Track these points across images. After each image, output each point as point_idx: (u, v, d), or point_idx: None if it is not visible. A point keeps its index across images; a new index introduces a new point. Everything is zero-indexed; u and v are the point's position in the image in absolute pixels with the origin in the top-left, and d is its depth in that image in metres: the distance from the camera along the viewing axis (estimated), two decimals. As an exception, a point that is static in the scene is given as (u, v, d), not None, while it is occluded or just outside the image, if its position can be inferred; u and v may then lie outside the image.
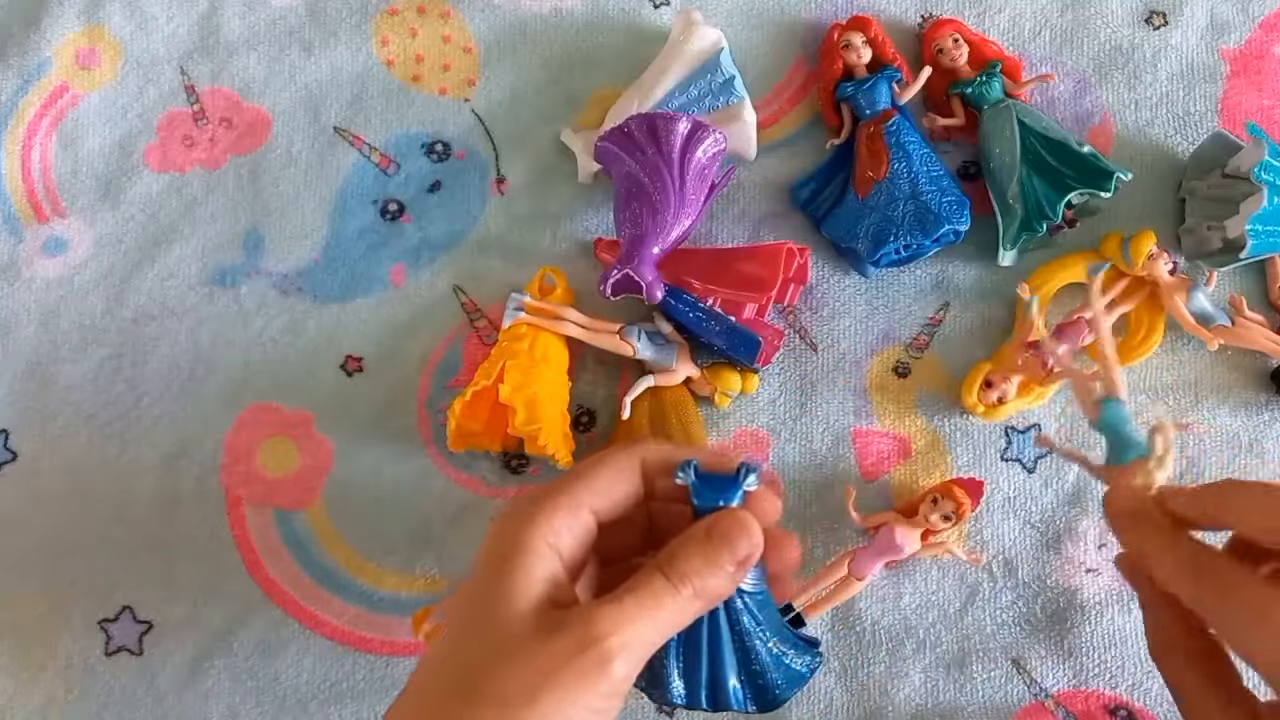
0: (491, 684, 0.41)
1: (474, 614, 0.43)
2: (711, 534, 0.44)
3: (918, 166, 0.66)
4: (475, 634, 0.43)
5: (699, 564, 0.44)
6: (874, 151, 0.67)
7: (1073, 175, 0.65)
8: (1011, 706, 0.63)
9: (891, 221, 0.65)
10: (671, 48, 0.70)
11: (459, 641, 0.43)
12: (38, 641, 0.65)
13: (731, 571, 0.44)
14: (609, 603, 0.42)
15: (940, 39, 0.69)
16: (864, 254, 0.66)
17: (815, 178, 0.70)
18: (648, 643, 0.43)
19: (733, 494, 0.45)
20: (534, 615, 0.42)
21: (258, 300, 0.70)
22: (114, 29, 0.74)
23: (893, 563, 0.64)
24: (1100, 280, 0.60)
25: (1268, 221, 0.63)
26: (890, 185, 0.66)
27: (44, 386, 0.68)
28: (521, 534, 0.43)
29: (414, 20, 0.74)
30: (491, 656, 0.41)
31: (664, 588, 0.43)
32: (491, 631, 0.42)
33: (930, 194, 0.65)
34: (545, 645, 0.41)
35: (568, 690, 0.40)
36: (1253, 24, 0.71)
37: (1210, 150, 0.67)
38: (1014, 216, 0.66)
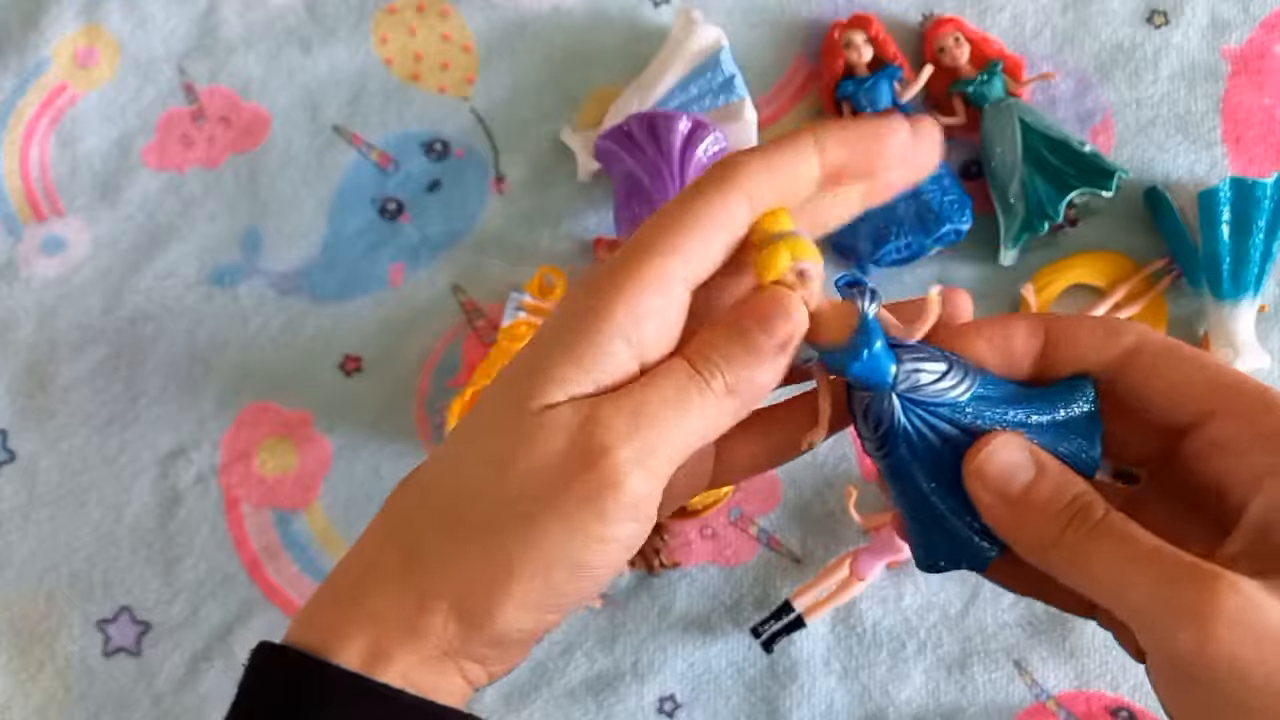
0: (463, 505, 0.34)
1: (485, 409, 0.36)
2: (742, 314, 0.35)
3: None
4: (474, 435, 0.36)
5: (730, 349, 0.34)
6: None
7: (1074, 174, 0.65)
8: (1013, 708, 0.63)
9: (892, 221, 0.65)
10: (671, 46, 0.70)
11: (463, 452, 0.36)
12: (36, 641, 0.65)
13: (774, 358, 0.35)
14: (618, 399, 0.33)
15: (942, 38, 0.69)
16: (864, 253, 0.65)
17: None
18: (672, 452, 0.33)
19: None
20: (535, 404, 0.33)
21: (256, 300, 0.69)
22: (112, 28, 0.74)
23: (894, 563, 0.63)
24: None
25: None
26: None
27: (42, 386, 0.68)
28: (596, 310, 0.33)
29: (413, 19, 0.73)
30: (476, 462, 0.34)
31: (689, 380, 0.34)
32: (489, 427, 0.35)
33: (932, 193, 0.65)
34: (528, 444, 0.33)
35: (562, 519, 0.32)
36: (1254, 23, 0.71)
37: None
38: (1015, 216, 0.66)
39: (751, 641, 0.63)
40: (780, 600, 0.63)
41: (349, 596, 0.36)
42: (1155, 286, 0.66)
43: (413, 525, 0.36)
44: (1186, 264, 0.65)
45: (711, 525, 0.66)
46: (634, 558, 0.62)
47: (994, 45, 0.69)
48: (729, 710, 0.64)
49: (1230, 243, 0.63)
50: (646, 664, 0.64)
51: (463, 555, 0.34)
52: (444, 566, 0.34)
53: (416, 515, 0.36)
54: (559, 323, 0.34)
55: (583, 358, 0.33)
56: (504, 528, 0.33)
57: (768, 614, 0.62)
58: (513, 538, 0.33)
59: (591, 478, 0.32)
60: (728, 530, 0.66)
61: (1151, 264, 0.66)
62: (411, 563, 0.35)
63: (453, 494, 0.35)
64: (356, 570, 0.37)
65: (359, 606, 0.35)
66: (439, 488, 0.36)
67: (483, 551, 0.33)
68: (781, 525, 0.66)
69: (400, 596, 0.35)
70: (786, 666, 0.64)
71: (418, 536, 0.35)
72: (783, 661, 0.64)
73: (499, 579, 0.33)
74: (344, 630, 0.35)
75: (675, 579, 0.65)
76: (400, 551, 0.35)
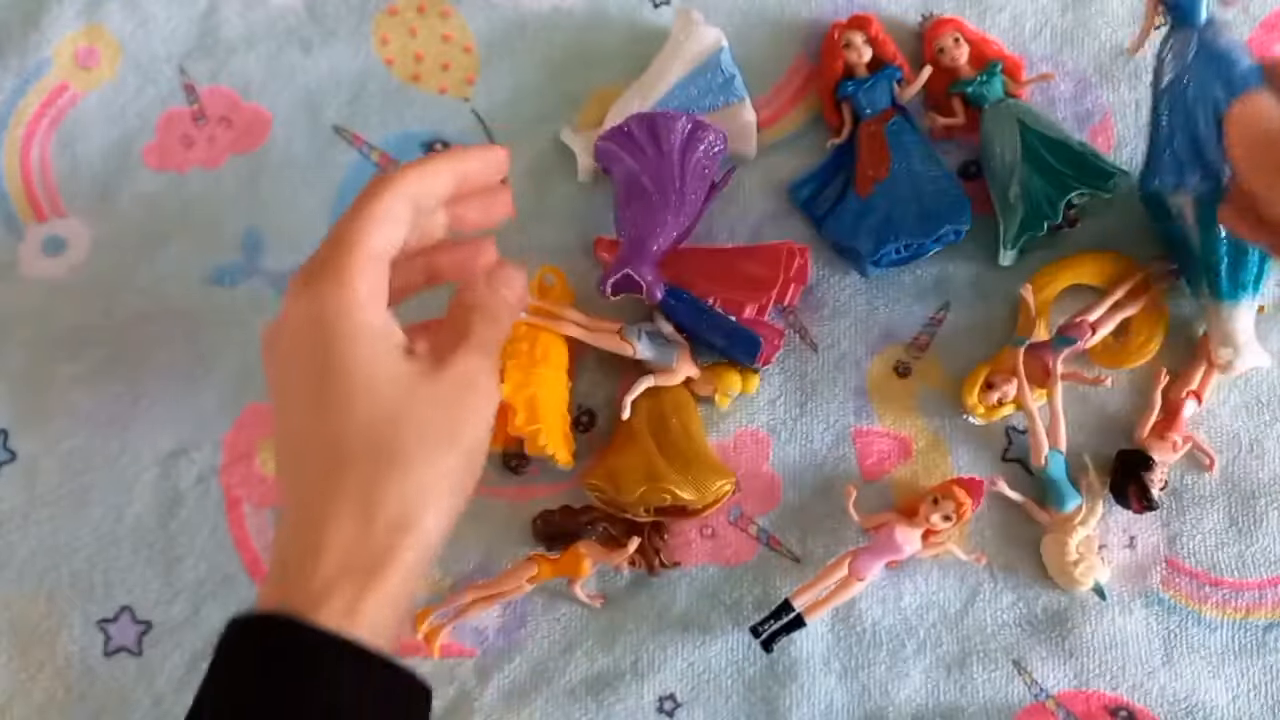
0: (403, 436, 0.46)
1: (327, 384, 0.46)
2: (496, 277, 0.53)
3: (918, 166, 0.66)
4: (343, 400, 0.46)
5: (497, 301, 0.52)
6: (874, 151, 0.67)
7: (1073, 175, 0.65)
8: (1013, 707, 0.63)
9: (892, 221, 0.65)
10: (672, 47, 0.70)
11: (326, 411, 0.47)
12: (37, 641, 0.65)
13: (516, 304, 0.53)
14: (464, 349, 0.49)
15: (941, 38, 0.69)
16: (865, 254, 0.66)
17: (815, 177, 0.70)
18: (493, 376, 0.50)
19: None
20: (402, 372, 0.47)
21: (256, 300, 0.70)
22: (113, 28, 0.74)
23: (893, 563, 0.64)
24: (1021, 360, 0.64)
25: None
26: (891, 185, 0.66)
27: (43, 386, 0.68)
28: (342, 298, 0.46)
29: (413, 19, 0.73)
30: (383, 415, 0.46)
31: (488, 328, 0.51)
32: (357, 402, 0.46)
33: (931, 194, 0.65)
34: (431, 390, 0.47)
35: (463, 431, 0.48)
36: (1254, 24, 0.71)
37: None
38: (1015, 216, 0.66)
39: (751, 641, 0.63)
40: (780, 600, 0.63)
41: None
42: (1155, 286, 0.66)
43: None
44: (1185, 265, 0.65)
45: (711, 525, 0.66)
46: (634, 557, 0.63)
47: (993, 46, 0.70)
48: (729, 709, 0.64)
49: (1228, 243, 0.63)
50: (646, 663, 0.64)
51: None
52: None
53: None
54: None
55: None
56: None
57: (767, 613, 0.63)
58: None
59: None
60: (727, 530, 0.66)
61: (1151, 264, 0.66)
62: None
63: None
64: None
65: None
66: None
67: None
68: (781, 525, 0.66)
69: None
70: (786, 666, 0.64)
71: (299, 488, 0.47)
72: (782, 661, 0.64)
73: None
74: (271, 586, 0.46)
75: (675, 578, 0.65)
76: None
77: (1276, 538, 0.64)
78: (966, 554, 0.64)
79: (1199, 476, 0.65)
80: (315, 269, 0.47)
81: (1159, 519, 0.65)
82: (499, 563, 0.66)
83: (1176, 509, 0.65)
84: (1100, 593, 0.63)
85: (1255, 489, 0.65)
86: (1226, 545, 0.64)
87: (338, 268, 0.46)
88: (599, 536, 0.64)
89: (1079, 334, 0.64)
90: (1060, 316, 0.66)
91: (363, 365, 0.46)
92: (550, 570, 0.64)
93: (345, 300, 0.46)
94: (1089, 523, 0.63)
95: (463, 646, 0.65)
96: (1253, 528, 0.64)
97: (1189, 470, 0.65)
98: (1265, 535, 0.64)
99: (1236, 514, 0.65)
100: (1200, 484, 0.65)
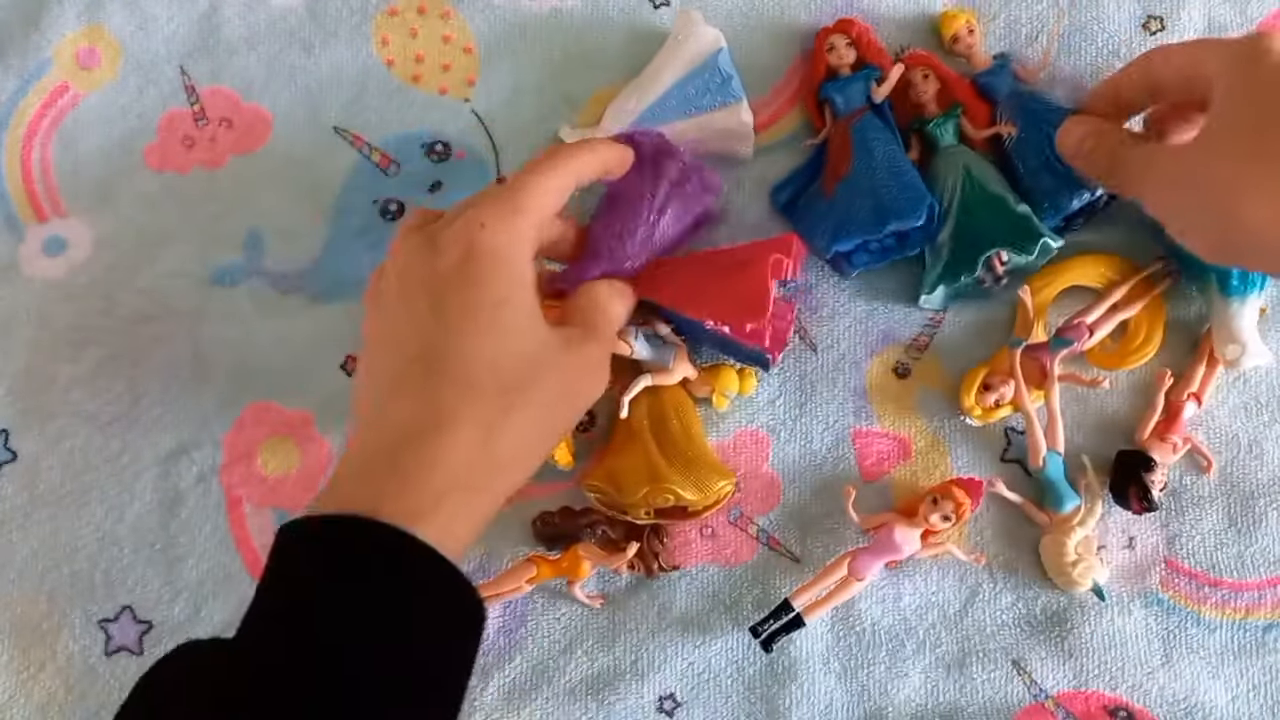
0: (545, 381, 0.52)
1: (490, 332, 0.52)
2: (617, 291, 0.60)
3: (880, 163, 0.65)
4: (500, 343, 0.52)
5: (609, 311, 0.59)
6: (840, 149, 0.67)
7: (1001, 232, 0.64)
8: (1012, 707, 0.63)
9: (848, 218, 0.65)
10: (670, 46, 0.70)
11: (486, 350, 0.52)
12: (38, 641, 0.65)
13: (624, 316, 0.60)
14: (594, 340, 0.57)
15: (911, 72, 0.68)
16: (821, 250, 0.66)
17: (794, 179, 0.70)
18: (608, 368, 0.58)
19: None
20: (548, 333, 0.53)
21: (257, 300, 0.70)
22: (114, 29, 0.74)
23: (893, 563, 0.64)
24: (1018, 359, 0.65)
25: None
26: (852, 182, 0.66)
27: (44, 386, 0.68)
28: (522, 248, 0.53)
29: (414, 20, 0.74)
30: (526, 365, 0.52)
31: (608, 329, 0.58)
32: (513, 340, 0.52)
33: (887, 189, 0.65)
34: (566, 360, 0.54)
35: (575, 403, 0.56)
36: (1251, 25, 0.72)
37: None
38: (939, 260, 0.66)
39: (751, 641, 0.63)
40: (779, 599, 0.63)
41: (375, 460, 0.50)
42: (1154, 288, 0.66)
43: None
44: (1189, 262, 0.65)
45: (711, 525, 0.66)
46: (633, 560, 0.63)
47: (963, 87, 0.69)
48: (728, 709, 0.64)
49: None
50: (646, 663, 0.64)
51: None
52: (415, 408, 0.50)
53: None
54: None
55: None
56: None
57: (767, 613, 0.63)
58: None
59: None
60: (727, 530, 0.66)
61: (1150, 265, 0.66)
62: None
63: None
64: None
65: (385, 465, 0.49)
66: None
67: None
68: (781, 525, 0.66)
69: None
70: (786, 665, 0.64)
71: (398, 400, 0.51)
72: (782, 660, 0.64)
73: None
74: (364, 476, 0.50)
75: (675, 578, 0.65)
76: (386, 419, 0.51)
77: (1276, 538, 0.64)
78: (966, 554, 0.64)
79: (1198, 477, 0.65)
80: (498, 210, 0.52)
81: (1158, 520, 0.65)
82: (499, 563, 0.66)
83: (1175, 509, 0.65)
84: (1099, 593, 0.63)
85: (1254, 489, 0.65)
86: (1226, 546, 0.64)
87: (521, 220, 0.53)
88: (598, 539, 0.64)
89: (1077, 335, 0.64)
90: (1059, 318, 0.67)
91: (525, 312, 0.52)
92: (549, 571, 0.64)
93: (525, 250, 0.53)
94: (1088, 523, 0.63)
95: (463, 646, 0.65)
96: (1252, 528, 0.65)
97: (1188, 471, 0.66)
98: (1264, 536, 0.64)
99: (1236, 515, 0.65)
100: (1199, 485, 0.65)
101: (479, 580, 0.65)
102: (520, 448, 0.51)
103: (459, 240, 0.52)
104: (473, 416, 0.49)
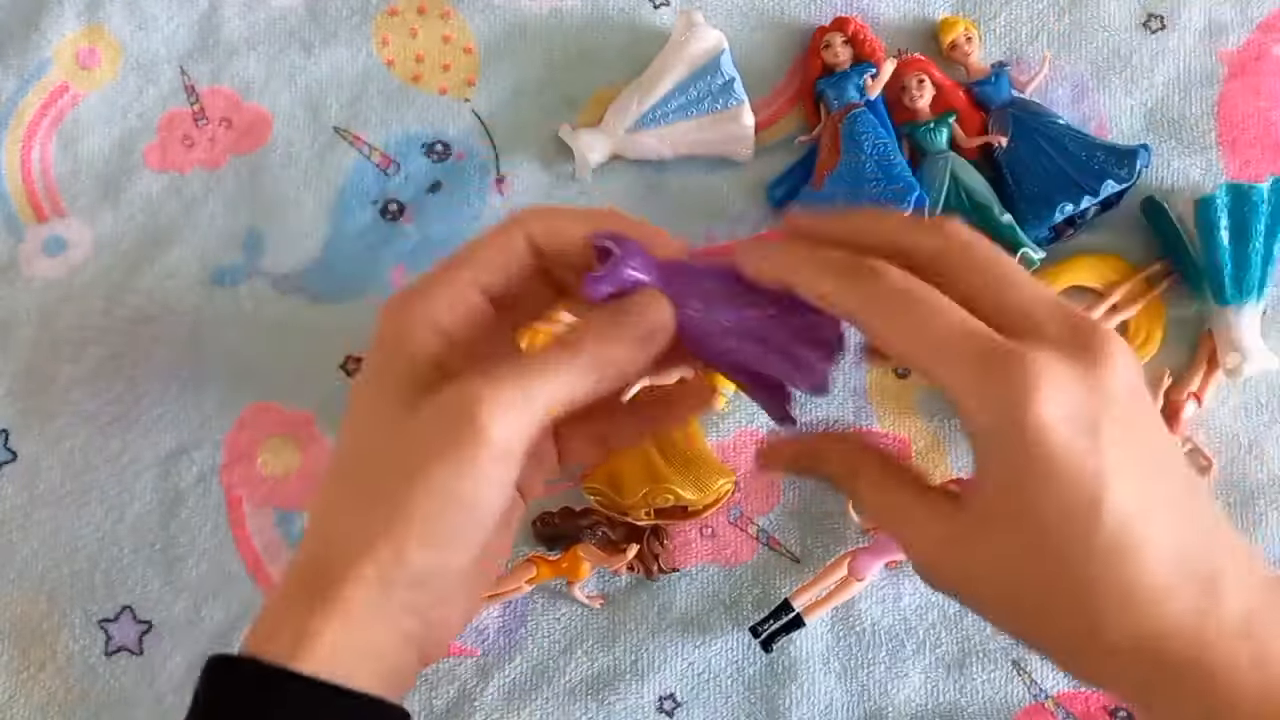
0: (362, 481, 0.41)
1: (357, 414, 0.43)
2: (619, 304, 0.42)
3: (867, 157, 0.66)
4: (354, 436, 0.43)
5: (599, 328, 0.41)
6: (829, 144, 0.68)
7: None
8: (1012, 707, 0.63)
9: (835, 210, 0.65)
10: (672, 48, 0.70)
11: (345, 450, 0.44)
12: (38, 641, 0.65)
13: (637, 342, 0.41)
14: (488, 368, 0.39)
15: (906, 77, 0.69)
16: None
17: (788, 177, 0.70)
18: (534, 406, 0.39)
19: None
20: (411, 398, 0.40)
21: (258, 300, 0.70)
22: (114, 29, 0.74)
23: (893, 563, 0.64)
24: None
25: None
26: (839, 176, 0.66)
27: (44, 386, 0.68)
28: (401, 321, 0.42)
29: (414, 20, 0.74)
30: (366, 451, 0.42)
31: (556, 352, 0.40)
32: (368, 427, 0.42)
33: (873, 183, 0.65)
34: (411, 421, 0.40)
35: (443, 462, 0.38)
36: (1251, 25, 0.72)
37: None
38: None
39: (751, 641, 0.63)
40: (779, 599, 0.63)
41: (279, 595, 0.42)
42: (1154, 289, 0.66)
43: (327, 510, 0.43)
44: (1187, 271, 0.65)
45: (711, 525, 0.66)
46: (633, 562, 0.63)
47: (958, 96, 0.69)
48: (728, 709, 0.64)
49: (1230, 248, 0.63)
50: (646, 663, 0.64)
51: (368, 513, 0.40)
52: (350, 533, 0.40)
53: (328, 500, 0.43)
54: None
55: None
56: (399, 481, 0.39)
57: (767, 613, 0.63)
58: (405, 486, 0.39)
59: (467, 430, 0.38)
60: (727, 530, 0.66)
61: (1149, 266, 0.66)
62: (325, 542, 0.42)
63: (355, 470, 0.42)
64: (288, 574, 0.43)
65: (284, 598, 0.41)
66: (344, 473, 0.43)
67: (383, 505, 0.40)
68: (781, 525, 0.66)
69: (314, 573, 0.40)
70: (786, 666, 0.64)
71: (329, 517, 0.42)
72: (782, 661, 0.64)
73: (397, 520, 0.39)
74: (273, 622, 0.41)
75: (675, 578, 0.65)
76: (314, 539, 0.43)
77: (1276, 538, 0.64)
78: (966, 554, 0.64)
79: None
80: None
81: (1157, 519, 0.65)
82: (499, 563, 0.66)
83: (1175, 509, 0.65)
84: None
85: (1254, 490, 0.65)
86: (1225, 545, 0.64)
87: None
88: (598, 540, 0.64)
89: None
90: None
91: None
92: (549, 571, 0.64)
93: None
94: None
95: (463, 646, 0.65)
96: (1252, 528, 0.65)
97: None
98: (1265, 535, 0.64)
99: (1236, 514, 0.65)
100: (1198, 485, 0.66)
101: (479, 580, 0.65)
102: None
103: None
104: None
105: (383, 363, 0.42)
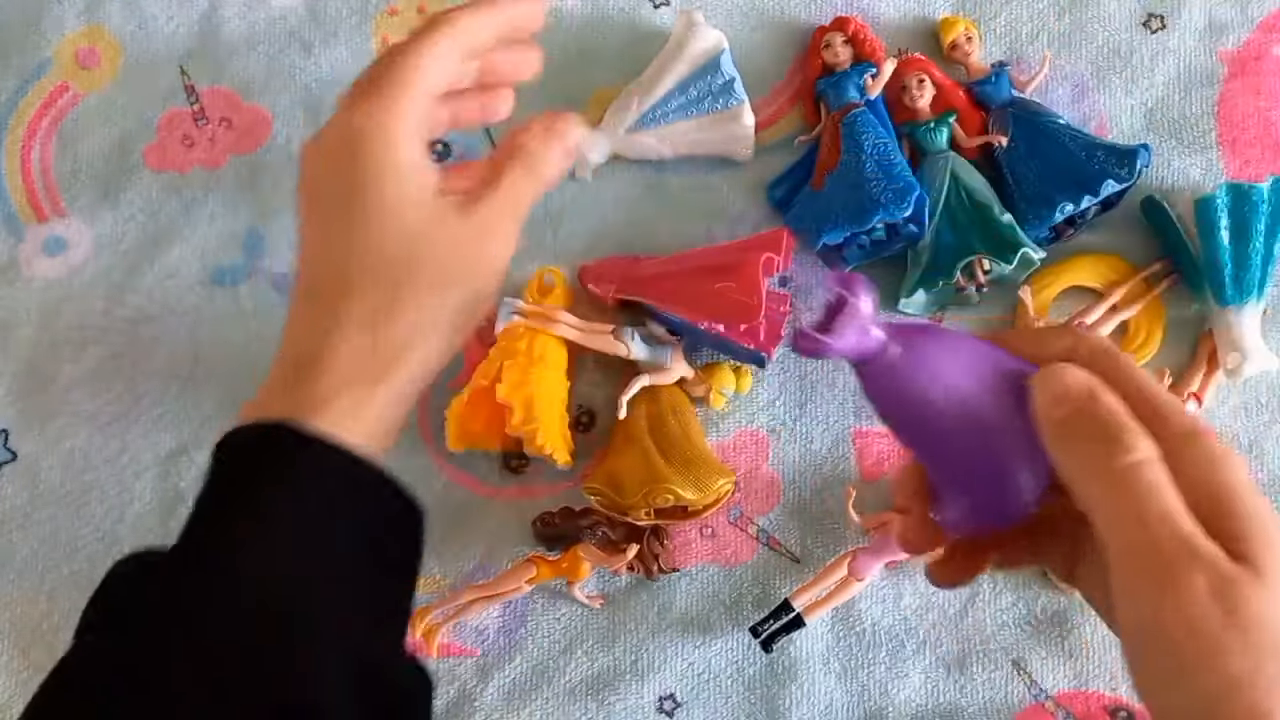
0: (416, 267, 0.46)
1: (353, 212, 0.46)
2: (548, 128, 0.51)
3: (867, 157, 0.66)
4: (357, 231, 0.46)
5: (542, 151, 0.50)
6: (830, 143, 0.68)
7: (980, 239, 0.65)
8: (1012, 707, 0.63)
9: (832, 211, 0.65)
10: (672, 47, 0.70)
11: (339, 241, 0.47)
12: (38, 641, 0.65)
13: (562, 157, 0.50)
14: (492, 196, 0.48)
15: (906, 76, 0.69)
16: (811, 244, 0.66)
17: (789, 176, 0.70)
18: (516, 225, 0.49)
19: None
20: (429, 205, 0.46)
21: (257, 300, 0.70)
22: (114, 29, 0.74)
23: (893, 563, 0.64)
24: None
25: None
26: (840, 175, 0.66)
27: (44, 386, 0.68)
28: (388, 126, 0.46)
29: (414, 20, 0.74)
30: (394, 246, 0.46)
31: (523, 179, 0.49)
32: (381, 225, 0.46)
33: (873, 182, 0.65)
34: (453, 229, 0.46)
35: (476, 272, 0.47)
36: (1251, 25, 0.72)
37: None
38: (919, 265, 0.66)
39: (751, 641, 0.63)
40: (779, 600, 0.63)
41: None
42: (1154, 289, 0.66)
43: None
44: (1187, 271, 0.65)
45: (711, 525, 0.66)
46: (633, 562, 0.63)
47: (958, 96, 0.69)
48: (728, 709, 0.64)
49: (1230, 248, 0.63)
50: (646, 663, 0.64)
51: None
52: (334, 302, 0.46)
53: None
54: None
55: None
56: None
57: (767, 613, 0.63)
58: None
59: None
60: (727, 530, 0.66)
61: (1150, 266, 0.66)
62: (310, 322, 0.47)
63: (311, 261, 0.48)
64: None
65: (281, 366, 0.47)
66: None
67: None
68: (781, 525, 0.66)
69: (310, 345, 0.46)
70: (786, 665, 0.64)
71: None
72: (782, 660, 0.64)
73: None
74: (271, 392, 0.47)
75: (675, 578, 0.65)
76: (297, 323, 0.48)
77: (1275, 538, 0.64)
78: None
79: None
80: (367, 91, 0.47)
81: (1157, 519, 0.65)
82: (499, 563, 0.66)
83: (1175, 509, 0.65)
84: None
85: (1254, 489, 0.65)
86: (1225, 545, 0.64)
87: (389, 96, 0.46)
88: (598, 540, 0.64)
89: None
90: (1059, 318, 0.67)
91: (390, 193, 0.46)
92: (549, 571, 0.64)
93: (391, 129, 0.46)
94: None
95: (464, 646, 0.65)
96: (1251, 528, 0.64)
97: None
98: (1264, 535, 0.64)
99: (1235, 514, 0.65)
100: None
101: (479, 580, 0.65)
102: (413, 332, 0.47)
103: (328, 129, 0.47)
104: (351, 315, 0.46)
105: (372, 170, 0.47)
